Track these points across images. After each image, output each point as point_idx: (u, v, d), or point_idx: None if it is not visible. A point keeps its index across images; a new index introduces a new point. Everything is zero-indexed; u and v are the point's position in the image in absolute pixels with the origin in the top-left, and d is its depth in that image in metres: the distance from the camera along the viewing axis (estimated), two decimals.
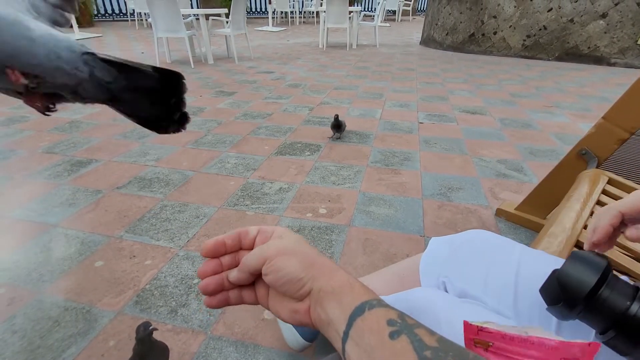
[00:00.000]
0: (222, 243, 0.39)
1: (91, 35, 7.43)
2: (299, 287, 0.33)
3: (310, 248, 0.37)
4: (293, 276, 0.33)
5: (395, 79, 4.15)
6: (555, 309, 0.35)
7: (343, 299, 0.31)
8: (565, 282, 0.34)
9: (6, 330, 0.99)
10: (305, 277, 0.33)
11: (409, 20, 12.98)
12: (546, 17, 5.18)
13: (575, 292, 0.33)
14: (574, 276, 0.33)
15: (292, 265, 0.34)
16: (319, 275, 0.33)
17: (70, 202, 1.61)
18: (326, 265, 0.35)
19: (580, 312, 0.33)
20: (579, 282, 0.33)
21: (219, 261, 0.39)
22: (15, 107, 2.95)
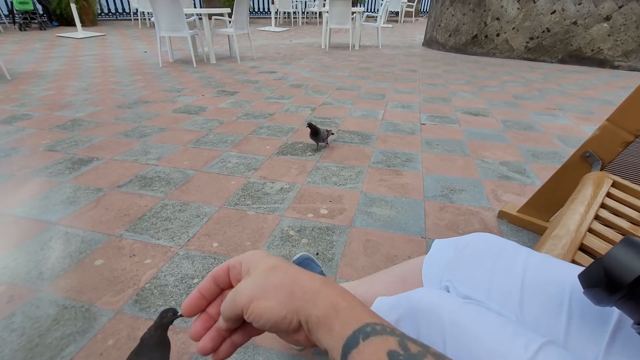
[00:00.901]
0: (199, 296, 0.37)
1: (94, 34, 7.45)
2: (286, 324, 0.31)
3: (284, 273, 0.33)
4: (276, 318, 0.31)
5: (397, 80, 4.14)
6: (592, 292, 0.34)
7: (332, 327, 0.29)
8: (611, 266, 0.32)
9: (5, 328, 0.99)
10: (289, 313, 0.31)
11: (411, 22, 12.97)
12: (549, 19, 5.17)
13: (621, 277, 0.31)
14: (622, 261, 0.32)
15: (269, 307, 0.31)
16: (301, 305, 0.31)
17: (71, 200, 1.60)
18: (306, 288, 0.32)
19: (620, 298, 0.32)
20: (627, 267, 0.31)
21: (207, 314, 0.37)
22: (17, 105, 2.95)
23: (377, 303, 0.64)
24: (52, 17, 8.77)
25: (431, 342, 0.50)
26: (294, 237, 1.38)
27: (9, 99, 3.10)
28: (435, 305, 0.53)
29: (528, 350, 0.43)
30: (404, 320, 0.55)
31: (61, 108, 2.90)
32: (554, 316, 0.49)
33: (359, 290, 0.79)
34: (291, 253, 1.29)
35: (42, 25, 8.22)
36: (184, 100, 3.18)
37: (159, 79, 3.95)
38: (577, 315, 0.47)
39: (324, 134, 2.11)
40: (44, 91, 3.37)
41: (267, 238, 1.38)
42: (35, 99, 3.13)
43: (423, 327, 0.52)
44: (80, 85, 3.63)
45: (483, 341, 0.46)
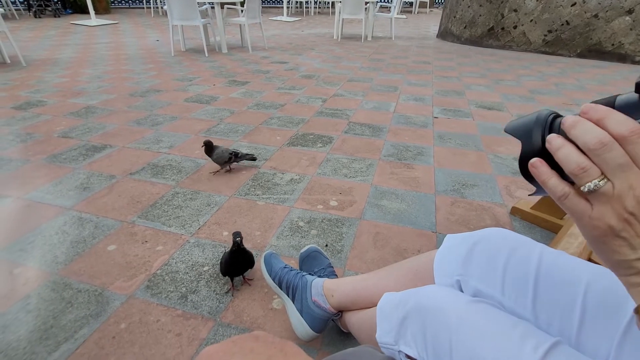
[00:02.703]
0: None
1: (107, 22, 7.48)
2: None
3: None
4: None
5: (410, 72, 4.08)
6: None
7: None
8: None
9: (21, 310, 1.01)
10: None
11: (426, 13, 12.72)
12: (569, 11, 5.01)
13: None
14: None
15: None
16: None
17: (84, 186, 1.63)
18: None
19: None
20: None
21: None
22: (32, 91, 2.99)
23: (384, 299, 0.64)
24: (66, 5, 8.83)
25: (437, 341, 0.50)
26: (303, 228, 1.38)
27: (24, 85, 3.15)
28: (442, 304, 0.53)
29: (537, 351, 0.43)
30: (410, 318, 0.55)
31: (75, 95, 2.93)
32: (568, 312, 0.48)
33: (369, 283, 0.79)
34: (300, 244, 1.30)
35: (57, 12, 8.28)
36: (196, 89, 3.19)
37: (171, 67, 3.96)
38: (590, 312, 0.47)
39: (221, 155, 1.67)
40: (58, 78, 3.41)
41: (277, 228, 1.38)
42: (50, 85, 3.17)
43: (429, 326, 0.52)
44: (94, 72, 3.66)
45: (490, 342, 0.46)
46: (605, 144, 0.27)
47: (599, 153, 0.27)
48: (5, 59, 3.89)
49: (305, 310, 0.86)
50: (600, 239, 0.29)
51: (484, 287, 0.56)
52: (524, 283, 0.52)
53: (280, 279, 0.94)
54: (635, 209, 0.27)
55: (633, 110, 0.28)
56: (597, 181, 0.28)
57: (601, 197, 0.28)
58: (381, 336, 0.59)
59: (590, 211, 0.29)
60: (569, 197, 0.30)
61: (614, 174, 0.27)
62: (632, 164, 0.27)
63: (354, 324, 0.79)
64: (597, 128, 0.28)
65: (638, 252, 0.28)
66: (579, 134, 0.29)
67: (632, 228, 0.27)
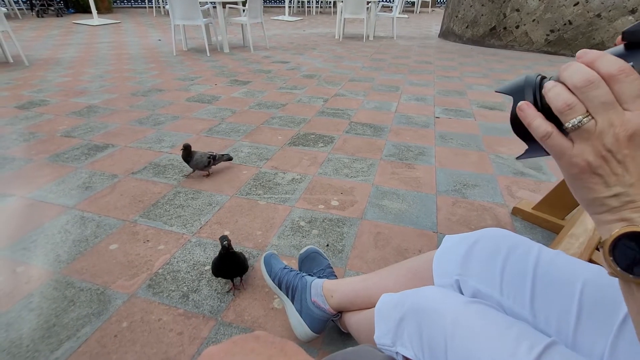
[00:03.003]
0: None
1: (110, 21, 7.50)
2: None
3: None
4: None
5: (412, 72, 4.08)
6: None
7: None
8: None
9: (24, 308, 1.02)
10: None
11: (428, 12, 12.70)
12: (572, 11, 4.99)
13: None
14: None
15: None
16: None
17: (87, 186, 1.64)
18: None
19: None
20: None
21: None
22: (35, 90, 3.01)
23: (382, 300, 0.64)
24: (68, 4, 8.85)
25: (433, 343, 0.50)
26: (304, 228, 1.39)
27: (27, 85, 3.16)
28: (437, 305, 0.53)
29: (532, 352, 0.43)
30: (407, 319, 0.56)
31: (77, 95, 2.94)
32: (565, 311, 0.48)
33: (369, 284, 0.79)
34: (301, 244, 1.30)
35: (59, 12, 8.31)
36: (197, 89, 3.20)
37: (173, 67, 3.97)
38: (586, 310, 0.47)
39: (200, 160, 1.66)
40: (60, 77, 3.43)
41: (278, 228, 1.38)
42: (53, 85, 3.18)
43: (425, 327, 0.52)
44: (96, 72, 3.67)
45: (485, 343, 0.46)
46: (591, 82, 0.28)
47: (585, 90, 0.28)
48: (8, 58, 3.91)
49: (304, 310, 0.87)
50: (578, 176, 0.30)
51: (483, 287, 0.56)
52: (522, 282, 0.53)
53: (280, 279, 0.94)
54: (613, 146, 0.28)
55: (622, 58, 0.29)
56: (582, 117, 0.29)
57: (583, 133, 0.29)
58: (379, 337, 0.60)
59: (571, 149, 0.30)
60: (552, 136, 0.31)
61: (597, 112, 0.28)
62: (616, 102, 0.28)
63: (353, 325, 0.79)
64: (586, 68, 0.29)
65: (611, 190, 0.29)
66: (569, 74, 0.30)
67: (608, 165, 0.28)
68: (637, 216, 0.28)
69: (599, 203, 0.30)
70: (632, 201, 0.28)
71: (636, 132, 0.27)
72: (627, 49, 0.30)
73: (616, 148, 0.28)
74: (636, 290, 0.29)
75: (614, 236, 0.29)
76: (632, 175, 0.28)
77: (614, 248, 0.29)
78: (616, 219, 0.29)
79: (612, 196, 0.29)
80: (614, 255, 0.29)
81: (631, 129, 0.27)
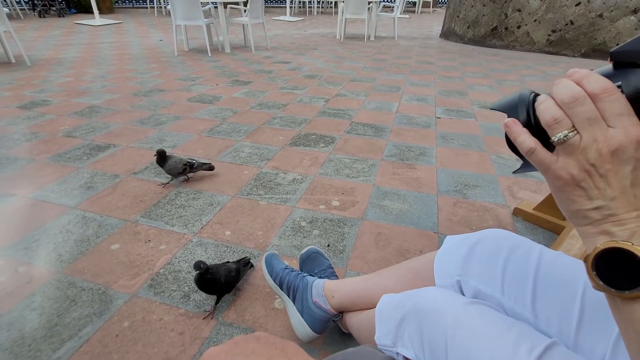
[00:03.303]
0: None
1: (111, 21, 7.52)
2: None
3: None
4: None
5: (413, 72, 4.08)
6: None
7: None
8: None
9: (26, 307, 1.02)
10: None
11: (429, 12, 12.69)
12: (574, 11, 4.99)
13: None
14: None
15: None
16: None
17: (88, 185, 1.64)
18: None
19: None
20: None
21: None
22: (37, 91, 3.02)
23: (382, 301, 0.64)
24: (70, 5, 8.87)
25: (433, 343, 0.50)
26: (305, 228, 1.39)
27: (29, 85, 3.17)
28: (438, 306, 0.53)
29: (532, 353, 0.43)
30: (408, 320, 0.56)
31: (79, 95, 2.95)
32: (566, 312, 0.48)
33: (370, 284, 0.79)
34: (302, 244, 1.30)
35: (61, 12, 8.33)
36: (199, 89, 3.20)
37: (174, 67, 3.98)
38: (588, 311, 0.47)
39: (175, 166, 1.57)
40: (62, 78, 3.44)
41: (279, 228, 1.39)
42: (54, 85, 3.19)
43: (426, 327, 0.52)
44: (98, 72, 3.68)
45: (485, 344, 0.46)
46: (577, 98, 0.30)
47: (571, 106, 0.30)
48: (10, 58, 3.92)
49: (305, 311, 0.87)
50: (562, 188, 0.31)
51: (484, 287, 0.57)
52: (524, 283, 0.53)
53: (281, 279, 0.94)
54: (597, 161, 0.29)
55: (611, 78, 0.30)
56: (567, 132, 0.30)
57: (568, 147, 0.30)
58: (380, 338, 0.60)
59: (556, 163, 0.31)
60: (536, 151, 0.32)
61: (582, 127, 0.29)
62: (600, 119, 0.29)
63: (354, 325, 0.79)
64: (574, 85, 0.30)
65: (593, 202, 0.30)
66: (558, 90, 0.31)
67: (592, 179, 0.29)
68: (618, 230, 0.29)
69: (581, 215, 0.31)
70: (613, 214, 0.29)
71: (619, 148, 0.28)
72: (615, 68, 0.31)
73: (599, 163, 0.29)
74: (621, 304, 0.29)
75: (596, 251, 0.29)
76: (613, 189, 0.29)
77: (597, 262, 0.29)
78: (598, 232, 0.30)
79: (594, 209, 0.30)
80: (597, 270, 0.29)
81: (614, 145, 0.28)
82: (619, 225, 0.29)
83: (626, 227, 0.28)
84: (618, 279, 0.28)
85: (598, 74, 0.31)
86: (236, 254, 1.25)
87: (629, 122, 0.28)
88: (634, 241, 0.28)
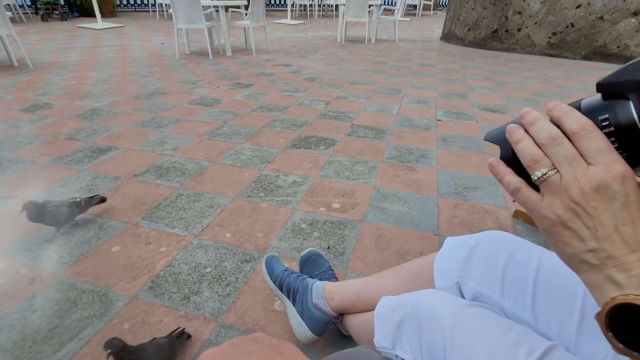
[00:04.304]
0: None
1: (113, 25, 7.56)
2: None
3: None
4: None
5: (413, 74, 4.08)
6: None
7: None
8: None
9: (27, 309, 1.03)
10: None
11: (429, 15, 12.72)
12: (574, 13, 4.99)
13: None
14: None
15: None
16: None
17: (90, 188, 1.65)
18: None
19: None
20: None
21: None
22: (39, 94, 3.03)
23: (381, 303, 0.64)
24: (72, 8, 8.93)
25: (432, 346, 0.50)
26: (305, 231, 1.39)
27: (31, 88, 3.19)
28: (437, 308, 0.53)
29: (531, 357, 0.43)
30: (407, 322, 0.56)
31: (81, 98, 2.96)
32: (567, 314, 0.48)
33: (370, 286, 0.79)
34: (302, 246, 1.30)
35: (63, 15, 8.38)
36: (200, 91, 3.21)
37: (176, 70, 3.99)
38: (589, 314, 0.47)
39: (57, 213, 1.27)
40: (64, 81, 3.46)
41: (279, 230, 1.39)
42: (57, 88, 3.21)
43: (424, 330, 0.52)
44: (100, 75, 3.70)
45: (484, 347, 0.46)
46: (554, 139, 0.30)
47: (549, 147, 0.30)
48: (13, 61, 3.95)
49: (305, 313, 0.87)
50: (551, 229, 0.30)
51: (484, 289, 0.56)
52: (524, 285, 0.53)
53: (281, 281, 0.94)
54: (581, 199, 0.28)
55: (598, 110, 0.30)
56: (547, 170, 0.30)
57: (549, 186, 0.30)
58: (379, 340, 0.60)
59: (541, 202, 0.31)
60: (521, 190, 0.32)
61: (561, 165, 0.29)
62: (579, 157, 0.29)
63: (353, 328, 0.79)
64: (550, 125, 0.30)
65: (587, 244, 0.28)
66: (535, 131, 0.31)
67: (579, 218, 0.28)
68: (624, 277, 0.27)
69: (577, 259, 0.29)
70: (612, 257, 0.27)
71: (601, 185, 0.27)
72: (604, 99, 0.30)
73: (584, 201, 0.28)
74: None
75: (606, 309, 0.27)
76: (605, 228, 0.27)
77: (611, 320, 0.27)
78: (603, 280, 0.28)
79: (588, 251, 0.28)
80: (612, 329, 0.27)
81: (595, 182, 0.27)
82: (624, 271, 0.27)
83: (632, 274, 0.26)
84: (637, 339, 0.26)
85: (584, 106, 0.30)
86: (236, 255, 1.25)
87: (609, 158, 0.27)
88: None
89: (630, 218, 0.27)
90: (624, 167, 0.27)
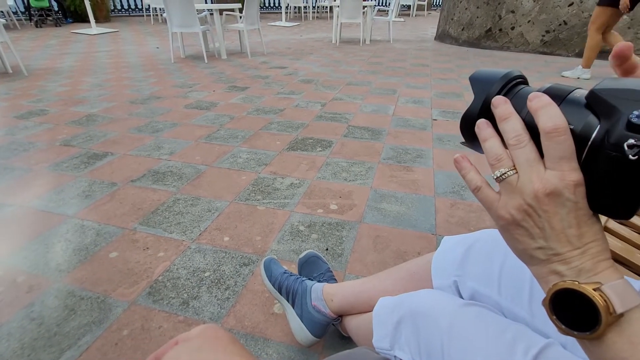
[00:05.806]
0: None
1: (108, 30, 7.55)
2: None
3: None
4: None
5: (408, 75, 4.10)
6: None
7: None
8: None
9: (25, 317, 1.02)
10: None
11: (423, 15, 12.78)
12: (567, 11, 5.03)
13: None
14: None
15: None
16: None
17: (86, 194, 1.64)
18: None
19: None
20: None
21: None
22: (34, 100, 3.02)
23: (379, 304, 0.64)
24: (66, 14, 8.91)
25: (430, 346, 0.51)
26: (303, 232, 1.39)
27: (26, 95, 3.18)
28: (434, 308, 0.54)
29: (528, 354, 0.43)
30: (404, 323, 0.56)
31: (76, 103, 2.95)
32: None
33: (368, 286, 0.80)
34: (301, 248, 1.30)
35: (57, 21, 8.36)
36: (196, 95, 3.21)
37: (171, 74, 3.99)
38: None
39: None
40: (59, 87, 3.44)
41: (277, 233, 1.39)
42: (52, 94, 3.20)
43: (422, 330, 0.53)
44: (95, 81, 3.69)
45: (481, 346, 0.46)
46: (520, 142, 0.30)
47: (513, 148, 0.31)
48: (7, 68, 3.93)
49: (305, 315, 0.87)
50: (506, 227, 0.32)
51: (481, 288, 0.57)
52: (521, 283, 0.53)
53: (280, 284, 0.94)
54: (533, 202, 0.29)
55: (576, 110, 0.29)
56: (506, 170, 0.31)
57: (506, 185, 0.31)
58: (377, 341, 0.60)
59: (498, 201, 0.32)
60: (482, 189, 0.34)
61: (520, 167, 0.30)
62: (539, 161, 0.29)
63: (353, 329, 0.80)
64: (520, 127, 0.31)
65: (537, 242, 0.30)
66: (505, 129, 0.32)
67: (532, 219, 0.30)
68: (565, 269, 0.29)
69: (528, 255, 0.31)
70: (557, 254, 0.29)
71: (554, 191, 0.28)
72: (587, 107, 0.29)
73: (536, 204, 0.29)
74: (589, 345, 0.28)
75: (550, 294, 0.29)
76: (554, 229, 0.29)
77: (555, 305, 0.29)
78: (548, 272, 0.30)
79: (537, 248, 0.30)
80: (556, 313, 0.29)
81: (549, 188, 0.28)
82: (565, 264, 0.29)
83: (572, 266, 0.29)
84: (579, 319, 0.28)
85: (570, 99, 0.30)
86: (235, 259, 1.25)
87: (567, 166, 0.28)
88: (580, 279, 0.28)
89: (576, 221, 0.29)
90: (578, 176, 0.28)
